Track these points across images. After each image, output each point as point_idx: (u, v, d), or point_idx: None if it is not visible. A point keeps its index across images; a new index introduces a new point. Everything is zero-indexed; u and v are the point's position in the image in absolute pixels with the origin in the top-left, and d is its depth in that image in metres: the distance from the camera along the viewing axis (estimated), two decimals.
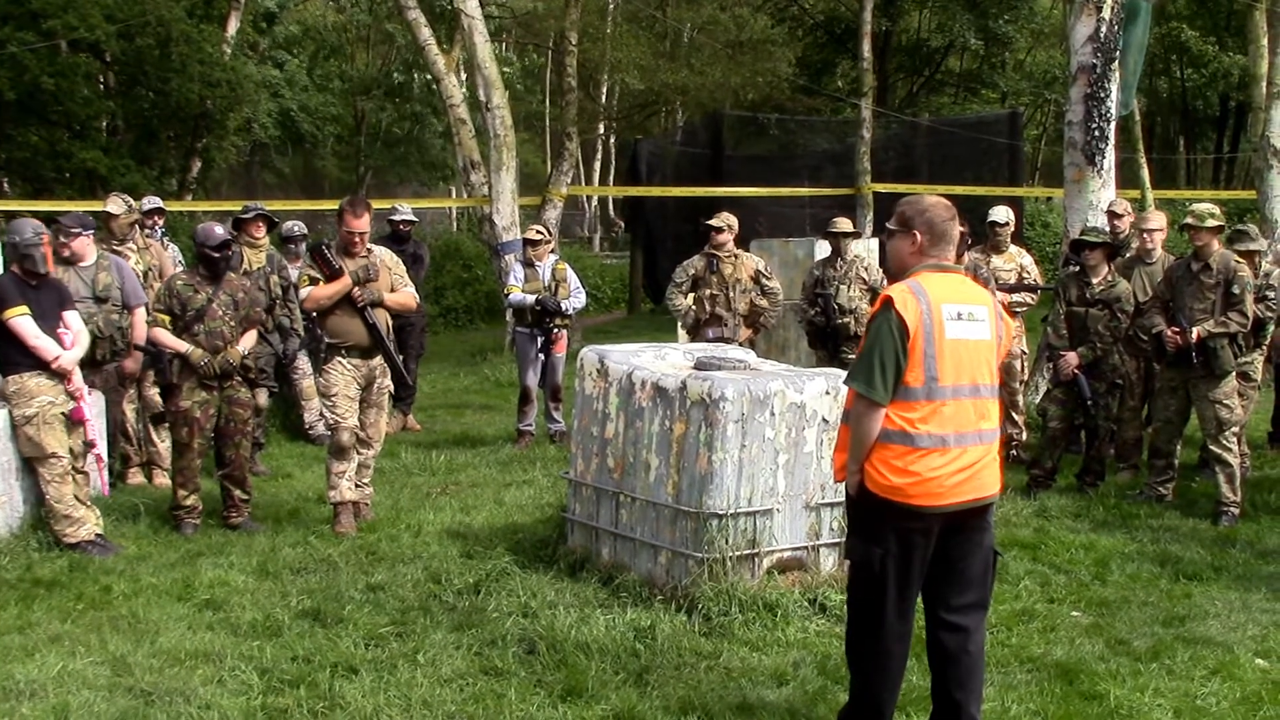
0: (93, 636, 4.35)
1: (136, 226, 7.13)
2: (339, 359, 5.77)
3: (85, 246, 6.28)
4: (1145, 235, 6.98)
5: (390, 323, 6.00)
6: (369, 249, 5.89)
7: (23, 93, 14.28)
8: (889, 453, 3.20)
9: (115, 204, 7.02)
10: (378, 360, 5.89)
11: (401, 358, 6.98)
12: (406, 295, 5.99)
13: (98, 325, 6.10)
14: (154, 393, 6.79)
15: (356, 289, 5.72)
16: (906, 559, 3.25)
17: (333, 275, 5.72)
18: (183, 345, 5.84)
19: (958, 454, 3.21)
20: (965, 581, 3.33)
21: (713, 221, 7.80)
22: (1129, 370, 6.88)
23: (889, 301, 3.21)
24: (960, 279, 3.38)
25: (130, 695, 3.82)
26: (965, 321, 3.24)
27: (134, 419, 6.91)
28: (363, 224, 5.77)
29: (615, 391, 5.06)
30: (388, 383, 6.04)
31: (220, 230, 6.06)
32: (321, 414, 7.17)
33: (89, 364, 5.97)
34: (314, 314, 6.00)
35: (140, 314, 6.36)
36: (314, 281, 5.76)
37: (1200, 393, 6.24)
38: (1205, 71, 23.73)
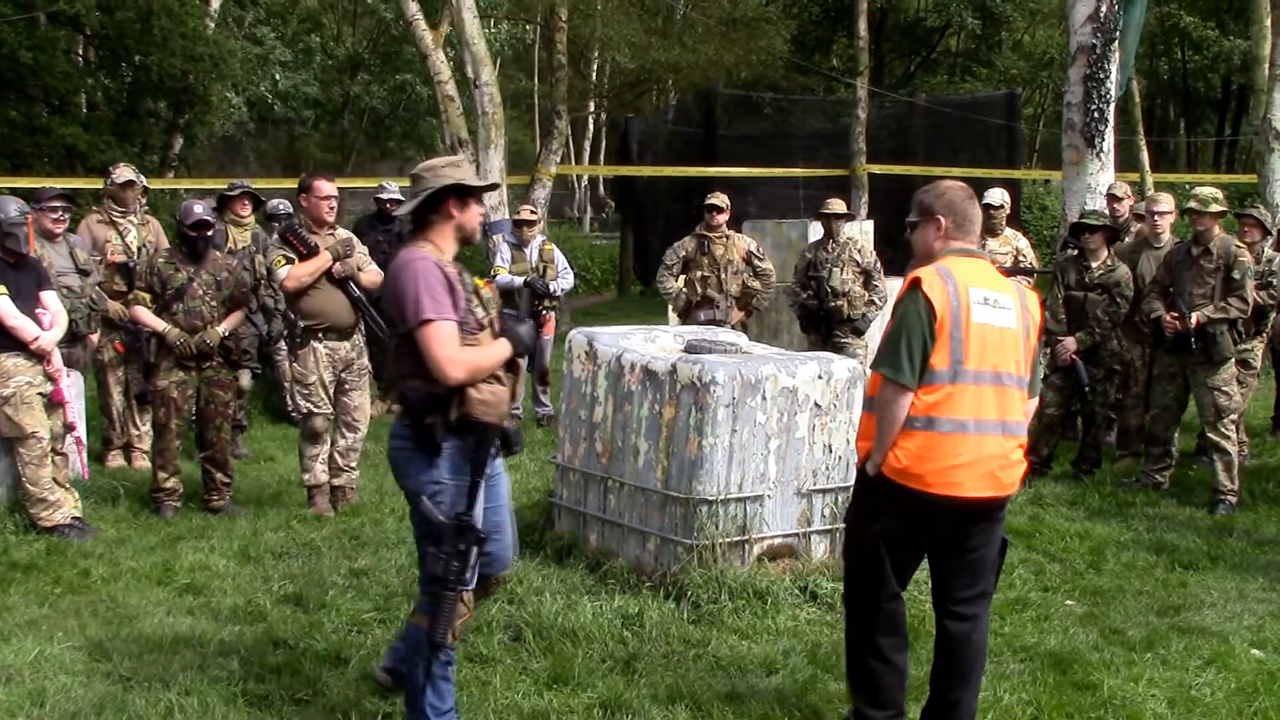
0: (70, 621, 4.28)
1: (138, 200, 7.06)
2: (314, 344, 5.70)
3: (65, 222, 6.22)
4: (1155, 218, 6.82)
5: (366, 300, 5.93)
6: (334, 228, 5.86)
7: (0, 67, 14.01)
8: (911, 440, 3.14)
9: (131, 172, 6.96)
10: (354, 340, 5.83)
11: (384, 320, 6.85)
12: (374, 273, 5.87)
13: (91, 298, 6.08)
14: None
15: (337, 264, 5.66)
16: (905, 542, 3.23)
17: (309, 253, 5.64)
18: (160, 324, 5.74)
19: (977, 441, 3.14)
20: (977, 572, 3.30)
21: (713, 200, 7.68)
22: (1134, 356, 6.80)
23: (917, 283, 3.17)
24: (987, 265, 3.33)
25: (109, 681, 3.77)
26: (992, 308, 3.19)
27: (120, 401, 6.80)
28: (333, 188, 5.79)
29: (604, 374, 4.97)
30: (365, 363, 5.97)
31: (199, 209, 5.93)
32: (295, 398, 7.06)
33: (80, 337, 5.95)
34: (292, 297, 5.90)
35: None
36: (289, 262, 5.69)
37: (1199, 379, 6.17)
38: (1206, 54, 23.56)
